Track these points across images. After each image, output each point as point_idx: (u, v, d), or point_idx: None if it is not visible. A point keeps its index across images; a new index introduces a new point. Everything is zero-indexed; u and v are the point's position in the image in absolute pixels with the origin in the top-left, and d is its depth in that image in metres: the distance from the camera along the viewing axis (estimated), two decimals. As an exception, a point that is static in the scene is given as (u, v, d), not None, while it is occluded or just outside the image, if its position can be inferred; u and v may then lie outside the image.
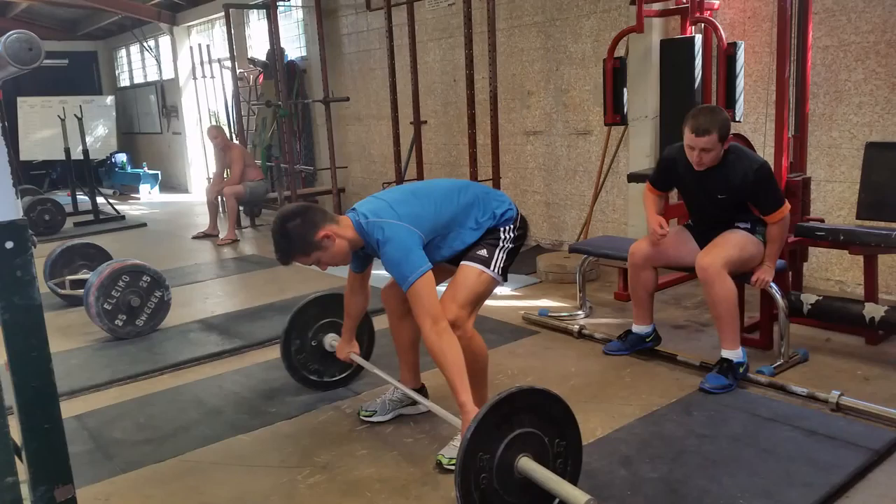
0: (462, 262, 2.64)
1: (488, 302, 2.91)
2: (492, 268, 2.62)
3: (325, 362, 3.28)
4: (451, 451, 2.57)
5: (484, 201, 2.69)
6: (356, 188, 8.57)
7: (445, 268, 2.71)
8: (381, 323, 3.28)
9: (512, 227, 2.70)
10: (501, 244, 2.66)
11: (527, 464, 2.06)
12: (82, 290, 4.33)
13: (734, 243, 3.15)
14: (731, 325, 3.10)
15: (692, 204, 3.40)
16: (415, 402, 3.00)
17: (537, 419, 2.10)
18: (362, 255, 2.72)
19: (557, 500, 2.12)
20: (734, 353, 3.10)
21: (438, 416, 2.97)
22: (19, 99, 11.59)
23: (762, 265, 3.21)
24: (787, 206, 3.18)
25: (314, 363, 3.27)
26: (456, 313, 2.52)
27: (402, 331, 2.92)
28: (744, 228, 3.22)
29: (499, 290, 4.05)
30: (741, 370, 3.10)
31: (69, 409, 3.16)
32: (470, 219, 2.64)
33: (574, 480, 2.16)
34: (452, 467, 2.50)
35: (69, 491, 1.51)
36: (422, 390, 3.01)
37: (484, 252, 2.64)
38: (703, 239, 3.30)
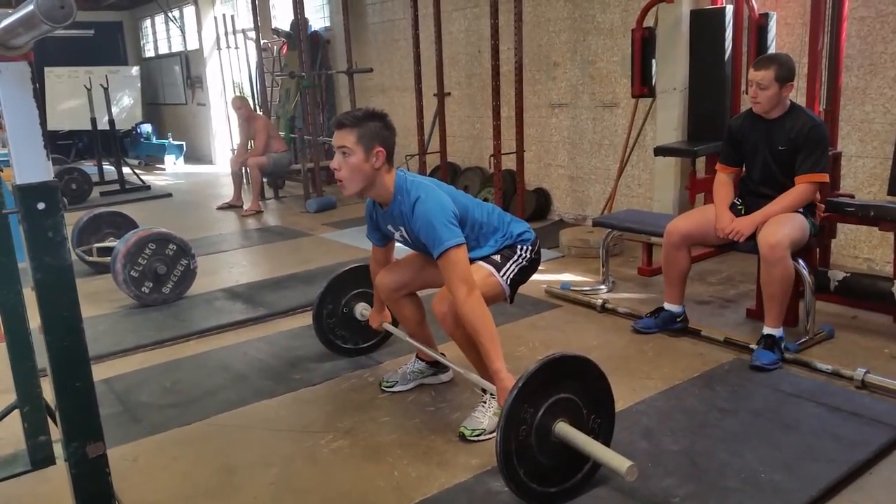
0: (475, 262, 2.59)
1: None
2: (501, 274, 2.61)
3: (352, 330, 3.34)
4: (473, 423, 2.58)
5: (508, 225, 2.72)
6: (379, 160, 8.54)
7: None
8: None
9: (530, 248, 2.71)
10: (516, 258, 2.67)
11: (565, 428, 2.09)
12: (109, 258, 4.40)
13: (796, 224, 3.09)
14: (782, 305, 3.08)
15: (754, 161, 3.30)
16: (435, 373, 3.03)
17: (577, 386, 2.15)
18: (376, 221, 2.72)
19: (588, 466, 2.17)
20: (777, 331, 3.09)
21: (458, 386, 3.00)
22: (46, 69, 11.68)
23: (746, 216, 3.23)
24: (825, 178, 3.14)
25: (342, 329, 3.33)
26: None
27: (404, 314, 2.91)
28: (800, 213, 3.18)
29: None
30: (783, 345, 3.09)
31: (97, 373, 3.15)
32: (491, 239, 2.66)
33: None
34: (476, 439, 2.53)
35: (100, 448, 1.55)
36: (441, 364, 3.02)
37: (497, 258, 2.64)
38: (749, 210, 3.27)
